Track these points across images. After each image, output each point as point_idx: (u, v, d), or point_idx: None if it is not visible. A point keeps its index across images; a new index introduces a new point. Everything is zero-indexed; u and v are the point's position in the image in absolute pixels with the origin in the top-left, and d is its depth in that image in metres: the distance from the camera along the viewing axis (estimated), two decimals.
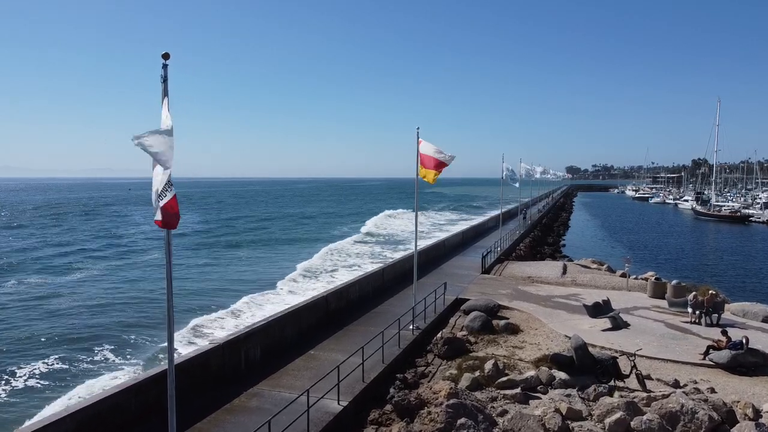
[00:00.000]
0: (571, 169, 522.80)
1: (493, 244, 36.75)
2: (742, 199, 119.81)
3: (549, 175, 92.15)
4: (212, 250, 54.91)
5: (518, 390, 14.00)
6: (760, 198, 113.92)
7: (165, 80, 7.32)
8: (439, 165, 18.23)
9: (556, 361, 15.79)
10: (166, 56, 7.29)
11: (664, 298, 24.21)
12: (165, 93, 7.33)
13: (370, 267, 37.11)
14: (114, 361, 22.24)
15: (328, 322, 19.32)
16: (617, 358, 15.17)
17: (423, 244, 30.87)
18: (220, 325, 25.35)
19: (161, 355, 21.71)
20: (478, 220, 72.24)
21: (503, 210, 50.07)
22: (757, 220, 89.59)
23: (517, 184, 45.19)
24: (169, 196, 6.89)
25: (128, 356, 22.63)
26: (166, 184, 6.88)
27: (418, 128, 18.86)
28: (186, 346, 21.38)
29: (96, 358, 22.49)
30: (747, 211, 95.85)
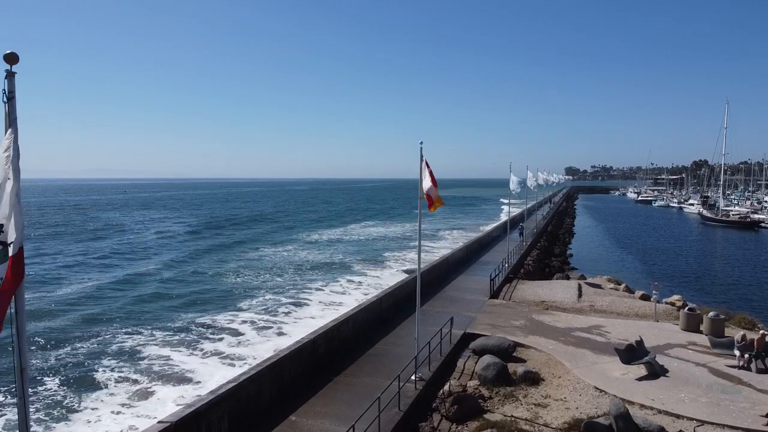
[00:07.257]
0: (570, 170, 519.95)
1: (501, 261, 33.82)
2: (748, 202, 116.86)
3: (552, 179, 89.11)
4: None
5: None
6: (767, 202, 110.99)
7: (10, 97, 4.33)
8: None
9: (591, 430, 12.92)
10: (11, 58, 4.30)
11: (699, 332, 21.38)
12: (11, 121, 4.34)
13: None
14: None
15: (316, 371, 16.37)
16: None
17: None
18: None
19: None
20: (481, 230, 69.22)
21: (501, 217, 47.05)
22: None
23: (527, 184, 43.50)
24: None
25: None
26: None
27: (421, 143, 16.06)
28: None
29: None
30: (756, 216, 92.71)
